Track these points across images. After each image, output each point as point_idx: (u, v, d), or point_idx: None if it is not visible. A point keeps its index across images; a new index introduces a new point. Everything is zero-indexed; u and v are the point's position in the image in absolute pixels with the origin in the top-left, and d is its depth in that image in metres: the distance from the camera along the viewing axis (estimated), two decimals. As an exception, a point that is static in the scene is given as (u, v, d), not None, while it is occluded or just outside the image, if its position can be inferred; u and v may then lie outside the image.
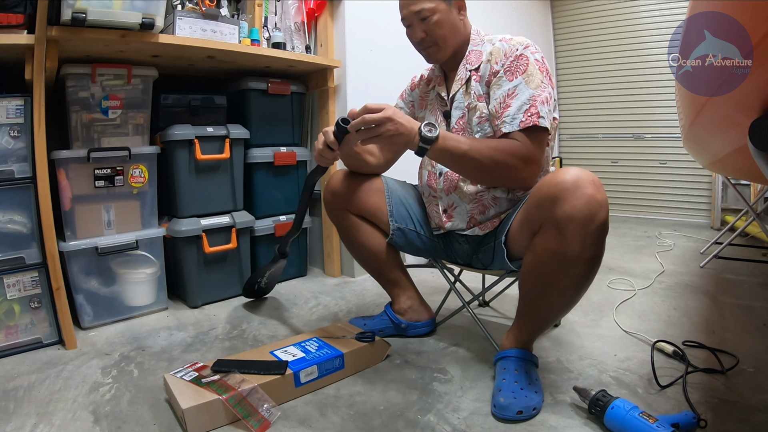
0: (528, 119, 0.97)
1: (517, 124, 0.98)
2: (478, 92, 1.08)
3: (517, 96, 0.99)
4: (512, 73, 1.01)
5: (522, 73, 1.00)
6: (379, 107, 0.96)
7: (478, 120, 1.07)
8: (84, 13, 1.15)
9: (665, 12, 2.87)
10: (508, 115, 0.99)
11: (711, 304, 1.52)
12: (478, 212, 1.11)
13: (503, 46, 1.05)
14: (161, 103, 1.59)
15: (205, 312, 1.55)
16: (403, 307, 1.29)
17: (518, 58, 1.02)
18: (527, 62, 1.01)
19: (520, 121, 0.98)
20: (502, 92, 1.01)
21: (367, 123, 0.96)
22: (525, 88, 0.99)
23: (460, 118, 1.12)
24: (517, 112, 0.98)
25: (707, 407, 0.92)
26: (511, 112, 0.99)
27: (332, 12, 1.89)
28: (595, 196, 0.84)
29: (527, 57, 1.01)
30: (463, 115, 1.11)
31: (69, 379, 1.09)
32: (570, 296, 0.95)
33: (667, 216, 3.05)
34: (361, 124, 0.96)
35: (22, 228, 1.25)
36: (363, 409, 0.96)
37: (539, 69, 1.01)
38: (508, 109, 1.00)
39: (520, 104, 0.99)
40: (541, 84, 1.00)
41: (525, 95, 0.99)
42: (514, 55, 1.02)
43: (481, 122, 1.07)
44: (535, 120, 0.97)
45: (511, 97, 1.00)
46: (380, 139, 0.97)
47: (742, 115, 0.60)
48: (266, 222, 1.78)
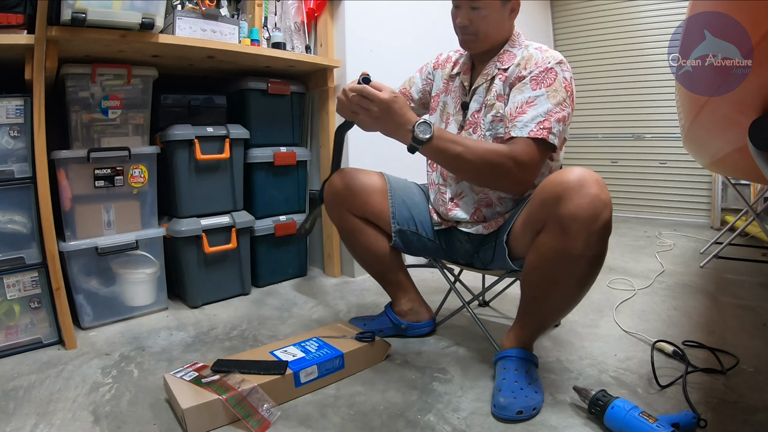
0: (539, 131, 0.97)
1: (526, 132, 0.97)
2: (500, 91, 1.07)
3: (536, 106, 0.99)
4: (537, 83, 1.00)
5: (547, 86, 1.00)
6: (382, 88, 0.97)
7: (492, 119, 1.07)
8: (84, 13, 1.14)
9: (665, 12, 2.87)
10: (521, 121, 0.99)
11: (711, 304, 1.52)
12: (484, 204, 1.11)
13: (537, 54, 1.04)
14: (161, 103, 1.58)
15: (205, 312, 1.55)
16: (403, 309, 1.29)
17: (548, 71, 1.01)
18: (555, 77, 1.00)
19: (531, 130, 0.97)
20: (522, 98, 1.01)
21: (365, 93, 0.97)
22: (545, 101, 0.98)
23: (476, 111, 1.11)
24: (531, 121, 0.98)
25: (707, 407, 0.92)
26: (524, 119, 0.98)
27: (332, 12, 1.89)
28: (600, 195, 0.84)
29: (557, 72, 1.00)
30: (480, 109, 1.11)
31: (69, 379, 1.09)
32: (572, 296, 0.95)
33: (667, 216, 3.05)
34: (360, 90, 0.98)
35: (22, 228, 1.25)
36: (363, 409, 0.96)
37: (565, 87, 1.00)
38: (523, 116, 0.99)
39: (536, 114, 0.98)
40: (563, 102, 0.99)
41: (543, 107, 0.98)
42: (544, 66, 1.01)
43: (495, 122, 1.06)
44: (545, 134, 0.97)
45: (530, 105, 0.99)
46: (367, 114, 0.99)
47: (742, 115, 0.60)
48: (266, 222, 1.78)
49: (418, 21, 2.12)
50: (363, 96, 0.97)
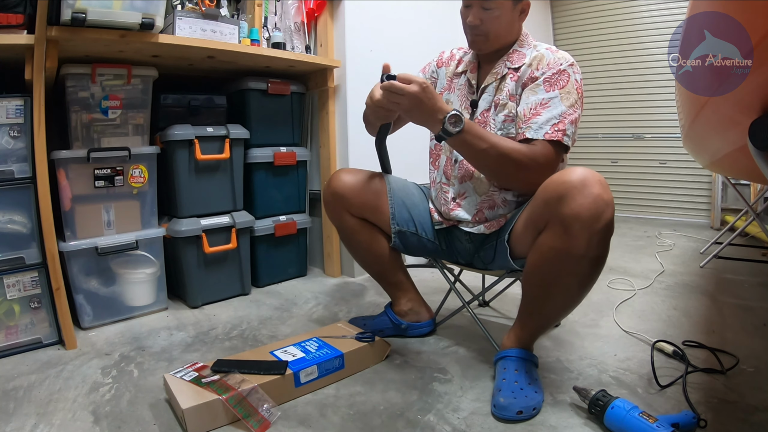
0: (554, 133, 0.98)
1: (541, 134, 0.98)
2: (512, 91, 1.07)
3: (550, 108, 0.99)
4: (551, 85, 1.01)
5: (561, 88, 1.00)
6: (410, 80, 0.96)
7: (504, 118, 1.07)
8: (84, 13, 1.14)
9: (665, 12, 2.88)
10: (536, 123, 0.99)
11: (711, 304, 1.52)
12: (487, 206, 1.11)
13: (549, 55, 1.05)
14: (161, 103, 1.58)
15: (205, 312, 1.55)
16: (403, 309, 1.29)
17: (561, 73, 1.01)
18: (568, 79, 1.01)
19: (546, 132, 0.98)
20: (536, 99, 1.01)
21: (394, 89, 0.96)
22: (559, 103, 0.99)
23: (486, 110, 1.11)
24: (545, 123, 0.99)
25: (707, 407, 0.92)
26: (539, 120, 0.99)
27: (332, 12, 1.88)
28: (602, 195, 0.84)
29: (569, 74, 1.02)
30: (489, 108, 1.11)
31: (69, 379, 1.09)
32: (573, 296, 0.95)
33: (667, 216, 3.05)
34: (388, 87, 0.97)
35: (22, 228, 1.25)
36: (363, 409, 0.96)
37: (577, 89, 1.01)
38: (537, 117, 1.00)
39: (550, 116, 0.99)
40: (575, 104, 1.00)
41: (557, 110, 0.99)
42: (557, 68, 1.02)
43: (507, 121, 1.07)
44: (559, 136, 0.98)
45: (544, 107, 1.00)
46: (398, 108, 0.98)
47: (742, 115, 0.60)
48: (266, 222, 1.78)
49: (418, 21, 2.12)
50: (392, 92, 0.97)
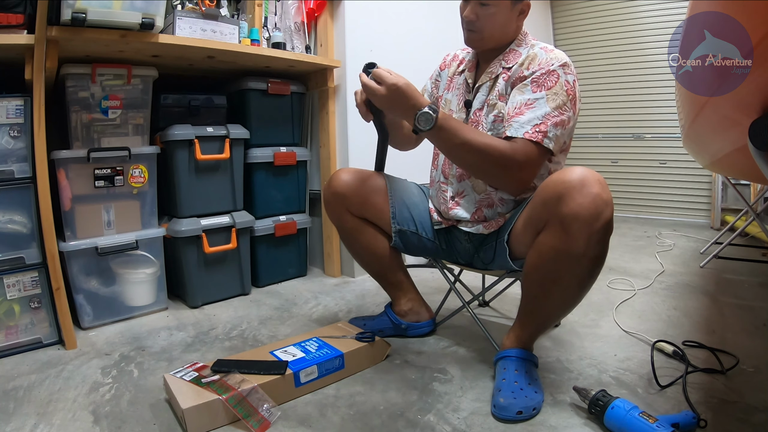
0: (534, 134, 0.97)
1: (521, 132, 0.97)
2: (502, 91, 1.07)
3: (534, 108, 0.98)
4: (539, 85, 1.00)
5: (547, 89, 0.99)
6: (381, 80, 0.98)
7: (494, 118, 1.07)
8: (84, 13, 1.14)
9: (665, 12, 2.87)
10: (517, 122, 0.99)
11: (711, 304, 1.52)
12: (485, 205, 1.11)
13: (542, 54, 1.03)
14: (161, 103, 1.58)
15: (205, 312, 1.55)
16: (403, 309, 1.29)
17: (549, 73, 1.00)
18: (557, 80, 0.99)
19: (526, 131, 0.97)
20: (522, 99, 1.00)
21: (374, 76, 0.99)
22: (544, 104, 0.98)
23: (479, 109, 1.11)
24: (527, 123, 0.98)
25: (707, 407, 0.92)
26: (521, 120, 0.98)
27: (332, 12, 1.88)
28: (601, 194, 0.84)
29: (558, 75, 0.99)
30: (482, 108, 1.11)
31: (69, 379, 1.09)
32: (573, 295, 0.95)
33: (667, 216, 3.05)
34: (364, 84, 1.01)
35: (22, 228, 1.25)
36: (363, 409, 0.96)
37: (567, 91, 0.99)
38: (520, 116, 0.99)
39: (533, 117, 0.98)
40: (563, 106, 0.98)
41: (541, 111, 0.98)
42: (547, 68, 1.00)
43: (497, 122, 1.06)
44: (539, 138, 0.96)
45: (528, 107, 0.99)
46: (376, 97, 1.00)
47: (742, 115, 0.60)
48: (266, 222, 1.77)
49: (418, 21, 2.12)
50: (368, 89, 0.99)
